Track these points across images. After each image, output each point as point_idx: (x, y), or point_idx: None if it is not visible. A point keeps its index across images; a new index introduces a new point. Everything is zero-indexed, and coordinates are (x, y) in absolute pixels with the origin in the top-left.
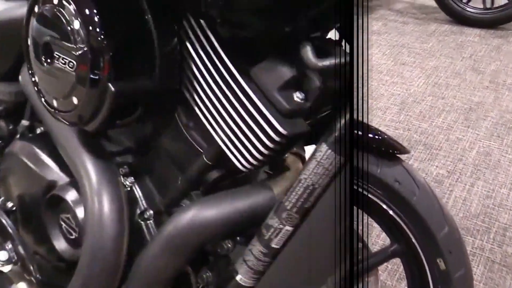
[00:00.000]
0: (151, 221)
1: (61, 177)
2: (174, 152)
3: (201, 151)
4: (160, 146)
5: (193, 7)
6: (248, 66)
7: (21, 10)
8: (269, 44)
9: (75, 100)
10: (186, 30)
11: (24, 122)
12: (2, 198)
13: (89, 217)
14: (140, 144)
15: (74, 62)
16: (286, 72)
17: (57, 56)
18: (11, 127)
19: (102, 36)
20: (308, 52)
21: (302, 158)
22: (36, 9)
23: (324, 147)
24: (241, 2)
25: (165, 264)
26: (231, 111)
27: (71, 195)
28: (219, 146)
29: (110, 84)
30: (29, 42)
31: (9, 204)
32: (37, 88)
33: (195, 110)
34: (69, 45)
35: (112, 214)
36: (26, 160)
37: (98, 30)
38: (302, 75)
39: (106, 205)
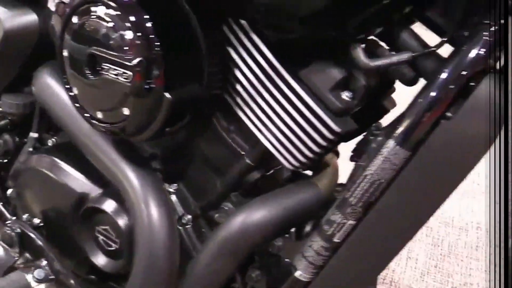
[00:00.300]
0: (189, 226)
1: (92, 189)
2: (211, 155)
3: (243, 153)
4: (195, 151)
5: (236, 11)
6: (297, 67)
7: (26, 18)
8: (316, 45)
9: (126, 111)
10: (227, 34)
11: (33, 135)
12: (27, 215)
13: (138, 225)
14: (172, 149)
15: (130, 73)
16: (336, 73)
17: (106, 68)
18: (17, 140)
19: (156, 44)
20: (360, 53)
21: (337, 154)
22: (74, 20)
23: (391, 143)
24: (287, 7)
25: (218, 270)
26: (280, 112)
27: (109, 206)
28: (264, 147)
29: (166, 93)
30: (66, 54)
31: (36, 221)
32: (77, 103)
33: (237, 113)
34: (121, 55)
35: (162, 220)
36: (50, 174)
37: (152, 37)
38: (349, 74)
39: (155, 211)
